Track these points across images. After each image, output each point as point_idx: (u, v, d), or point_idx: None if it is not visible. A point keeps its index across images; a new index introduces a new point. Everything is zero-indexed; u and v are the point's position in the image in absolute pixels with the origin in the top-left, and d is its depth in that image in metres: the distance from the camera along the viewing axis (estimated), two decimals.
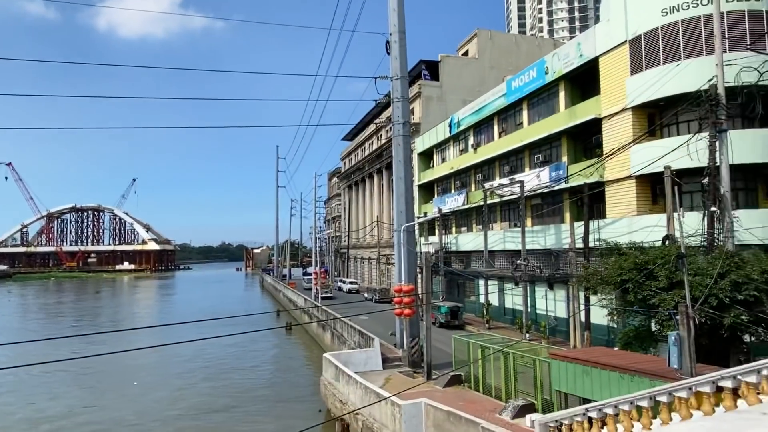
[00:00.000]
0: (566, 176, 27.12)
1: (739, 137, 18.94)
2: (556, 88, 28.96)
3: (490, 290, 33.72)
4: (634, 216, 22.49)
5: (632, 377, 11.80)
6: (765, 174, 21.47)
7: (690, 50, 20.83)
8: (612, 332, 22.30)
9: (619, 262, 17.67)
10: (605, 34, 24.48)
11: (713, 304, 14.46)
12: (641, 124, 22.89)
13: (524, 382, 16.65)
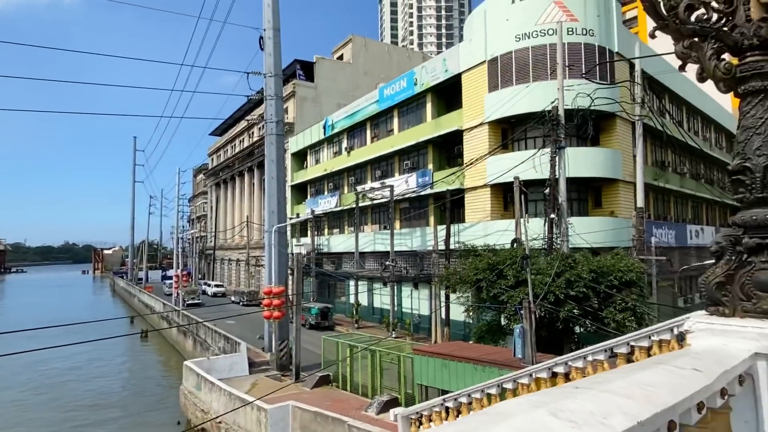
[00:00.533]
0: (431, 182, 28.82)
1: (574, 154, 21.76)
2: (424, 99, 30.65)
3: (360, 291, 34.50)
4: (488, 221, 24.64)
5: (484, 368, 12.95)
6: (594, 186, 24.91)
7: (538, 74, 23.42)
8: (468, 327, 24.15)
9: (475, 262, 19.28)
10: (467, 52, 26.53)
11: (551, 299, 16.42)
12: (496, 138, 25.18)
13: (390, 378, 17.36)
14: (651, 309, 18.12)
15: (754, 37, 2.94)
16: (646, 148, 25.80)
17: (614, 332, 14.67)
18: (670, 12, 3.14)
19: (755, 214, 2.94)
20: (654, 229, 25.27)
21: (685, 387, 1.67)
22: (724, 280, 3.01)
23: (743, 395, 2.45)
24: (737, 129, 3.15)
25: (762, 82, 2.98)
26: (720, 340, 2.52)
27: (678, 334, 4.43)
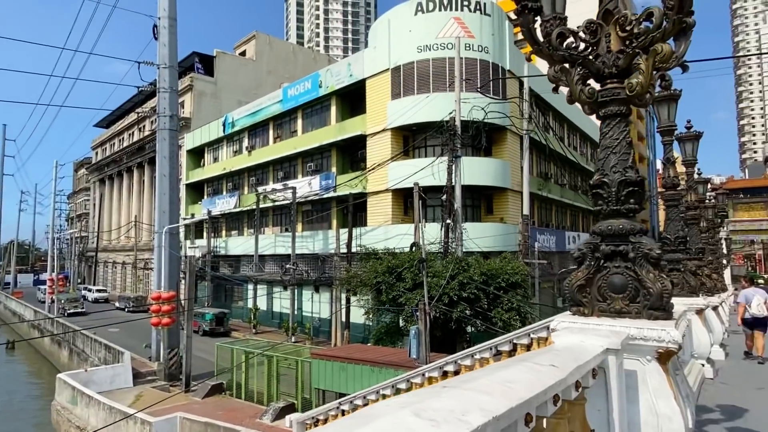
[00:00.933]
0: (335, 186, 28.85)
1: (469, 163, 22.94)
2: (329, 101, 30.63)
3: (259, 294, 33.54)
4: (389, 225, 25.17)
5: (381, 369, 13.18)
6: (487, 194, 26.44)
7: (438, 85, 24.39)
8: (368, 329, 24.46)
9: (375, 265, 19.60)
10: (372, 59, 26.96)
11: (445, 301, 17.14)
12: (398, 144, 25.83)
13: (287, 384, 17.04)
14: (533, 309, 19.56)
15: (613, 67, 3.31)
16: (532, 160, 27.88)
17: (501, 331, 15.66)
18: (545, 39, 3.44)
19: (611, 224, 3.31)
20: (538, 235, 27.35)
21: (541, 382, 1.83)
22: (584, 283, 3.35)
23: (596, 387, 2.73)
24: (598, 148, 3.52)
25: (618, 107, 3.37)
26: (579, 338, 2.79)
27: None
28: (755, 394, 6.86)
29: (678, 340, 2.89)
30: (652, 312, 3.09)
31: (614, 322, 3.10)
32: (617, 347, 2.74)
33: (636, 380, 2.99)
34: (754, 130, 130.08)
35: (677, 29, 3.08)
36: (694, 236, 8.95)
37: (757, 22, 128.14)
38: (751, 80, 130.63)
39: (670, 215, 7.06)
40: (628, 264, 3.22)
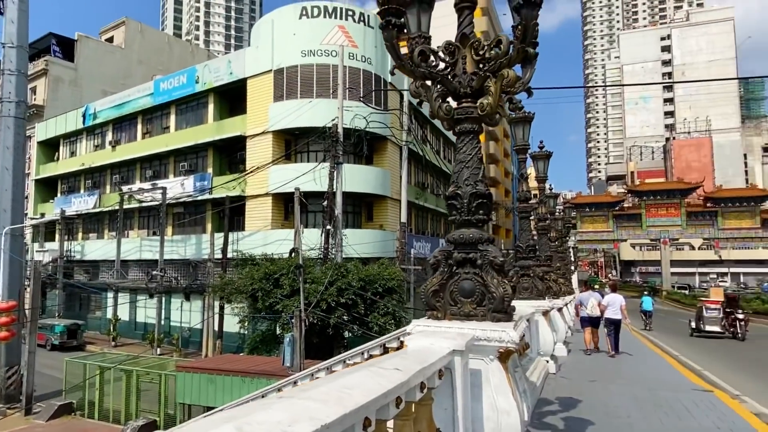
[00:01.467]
0: (211, 187, 27.46)
1: (350, 170, 23.22)
2: (206, 99, 29.16)
3: (120, 303, 30.66)
4: (269, 230, 24.55)
5: (252, 379, 12.75)
6: (367, 201, 26.97)
7: (321, 91, 24.42)
8: (243, 338, 23.57)
9: (252, 272, 18.96)
10: (254, 59, 26.21)
11: (323, 307, 17.11)
12: (280, 148, 25.35)
13: (149, 400, 15.75)
14: (408, 313, 20.29)
15: (468, 87, 3.56)
16: (411, 170, 29.03)
17: (377, 335, 15.98)
18: (408, 55, 3.60)
19: (462, 233, 3.54)
20: (414, 242, 28.51)
21: (381, 386, 1.88)
22: (438, 288, 3.54)
23: (443, 386, 2.88)
24: (454, 162, 3.76)
25: (472, 125, 3.62)
26: (429, 341, 2.93)
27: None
28: (588, 386, 7.79)
29: (516, 340, 3.17)
30: (495, 315, 3.35)
31: (463, 325, 3.31)
32: (462, 348, 2.92)
33: (480, 379, 3.21)
34: (599, 153, 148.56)
35: (521, 57, 3.39)
36: (543, 245, 9.93)
37: (603, 57, 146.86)
38: (598, 108, 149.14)
39: (522, 226, 7.78)
40: (477, 270, 3.46)
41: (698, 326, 21.16)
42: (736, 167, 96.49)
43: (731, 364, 12.82)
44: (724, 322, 20.61)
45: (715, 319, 20.87)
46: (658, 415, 6.16)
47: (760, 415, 6.65)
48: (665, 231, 56.13)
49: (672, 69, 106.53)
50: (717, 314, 20.95)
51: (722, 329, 20.56)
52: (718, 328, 20.65)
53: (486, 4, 52.66)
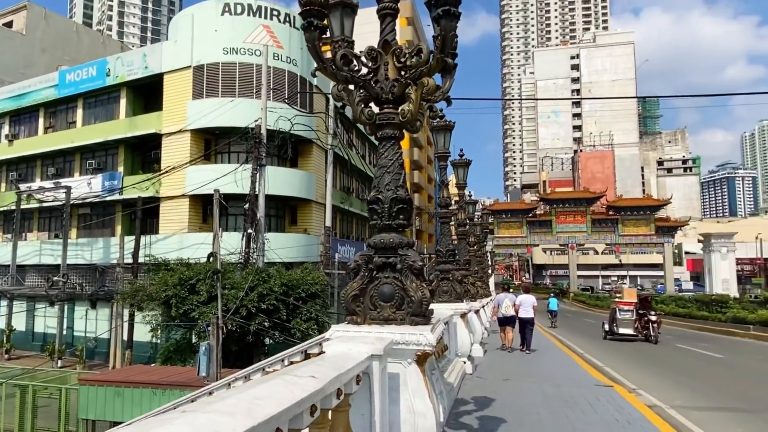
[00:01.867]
0: (121, 187, 25.79)
1: (274, 173, 22.72)
2: (118, 93, 27.39)
3: (15, 312, 27.87)
4: (185, 233, 23.43)
5: (164, 391, 12.06)
6: (291, 205, 26.52)
7: (244, 90, 23.73)
8: (155, 348, 22.28)
9: (165, 277, 17.97)
10: (172, 53, 24.99)
11: (243, 314, 16.56)
12: (198, 147, 24.32)
13: (48, 417, 14.43)
14: (331, 318, 20.16)
15: (390, 93, 3.60)
16: (336, 174, 28.96)
17: (299, 341, 15.71)
18: (331, 58, 3.58)
19: (383, 238, 3.56)
20: (339, 246, 28.41)
21: (295, 395, 1.83)
22: (359, 293, 3.53)
23: (361, 392, 2.87)
24: (375, 167, 3.78)
25: (393, 131, 3.66)
26: (348, 346, 2.91)
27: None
28: (502, 385, 8.13)
29: (433, 343, 3.22)
30: (414, 318, 3.40)
31: (382, 329, 3.33)
32: (381, 353, 2.93)
33: (398, 382, 3.24)
34: (515, 162, 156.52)
35: (441, 67, 3.48)
36: (463, 249, 10.25)
37: (519, 72, 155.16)
38: (514, 120, 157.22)
39: (443, 231, 7.99)
40: (396, 275, 3.49)
41: (612, 329, 19.71)
42: (635, 179, 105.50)
43: (629, 360, 13.91)
44: (637, 324, 19.20)
45: (629, 321, 19.33)
46: (564, 411, 6.55)
47: (653, 407, 7.26)
48: (573, 237, 60.10)
49: (580, 86, 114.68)
50: (630, 316, 19.39)
51: (635, 332, 19.16)
52: (631, 331, 19.19)
53: (411, 14, 53.83)
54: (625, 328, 19.25)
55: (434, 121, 7.54)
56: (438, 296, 8.31)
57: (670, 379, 10.59)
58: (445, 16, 3.29)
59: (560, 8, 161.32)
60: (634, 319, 19.21)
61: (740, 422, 6.96)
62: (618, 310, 19.88)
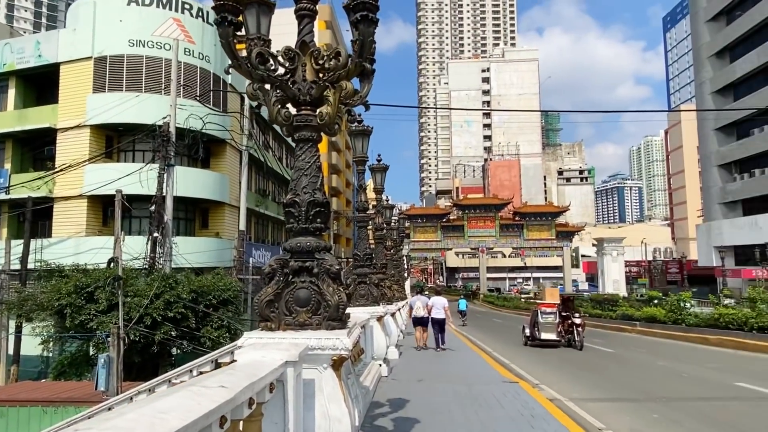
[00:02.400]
0: (8, 186, 23.31)
1: (184, 173, 21.65)
2: (6, 82, 24.76)
3: None
4: (83, 236, 21.65)
5: (56, 409, 11.02)
6: (202, 208, 25.37)
7: (151, 85, 22.40)
8: (47, 362, 20.31)
9: (59, 285, 16.46)
10: (70, 42, 23.04)
11: (148, 323, 15.55)
12: (99, 144, 22.60)
13: None
14: (244, 325, 19.52)
15: (308, 95, 3.55)
16: (251, 176, 28.17)
17: (210, 350, 15.03)
18: (246, 56, 3.47)
19: (299, 242, 3.50)
20: (253, 251, 27.60)
21: (203, 406, 1.74)
22: (273, 298, 3.44)
23: (274, 400, 2.79)
24: (291, 169, 3.71)
25: (311, 133, 3.62)
26: (261, 353, 2.82)
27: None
28: (416, 386, 8.31)
29: (349, 347, 3.22)
30: (330, 323, 3.37)
31: (297, 335, 3.26)
32: (296, 359, 2.87)
33: (313, 388, 3.19)
34: (430, 168, 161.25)
35: (359, 71, 3.50)
36: (380, 253, 10.36)
37: (435, 82, 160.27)
38: (430, 128, 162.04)
39: (360, 235, 8.02)
40: (313, 279, 3.45)
41: (533, 334, 17.39)
42: (538, 187, 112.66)
43: (533, 357, 14.76)
44: (560, 328, 17.19)
45: (551, 325, 17.18)
46: (474, 408, 6.81)
47: (553, 400, 7.75)
48: (483, 241, 62.97)
49: (490, 98, 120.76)
50: (553, 319, 17.23)
51: (558, 336, 17.07)
52: (554, 336, 17.02)
53: (330, 18, 53.79)
54: (548, 333, 17.15)
55: (353, 126, 7.57)
56: (355, 300, 8.33)
57: (570, 373, 11.37)
58: (363, 21, 3.31)
59: (473, 23, 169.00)
60: (557, 322, 17.23)
61: (629, 411, 7.62)
62: (539, 313, 17.58)
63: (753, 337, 15.04)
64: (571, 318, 16.88)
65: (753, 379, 9.88)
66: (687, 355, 14.57)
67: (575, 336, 16.53)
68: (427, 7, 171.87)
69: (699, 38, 50.25)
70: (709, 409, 7.69)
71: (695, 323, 18.42)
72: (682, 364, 12.72)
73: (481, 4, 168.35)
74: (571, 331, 16.81)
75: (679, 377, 10.74)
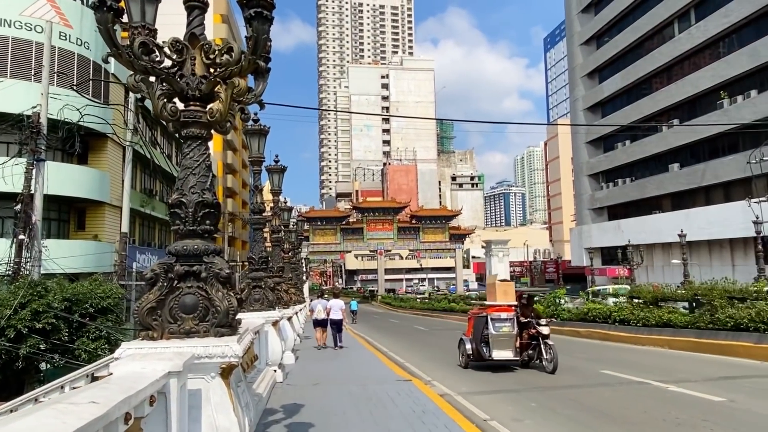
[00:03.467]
0: None
1: (57, 169, 19.57)
2: None
3: None
4: None
5: None
6: (79, 207, 23.09)
7: (19, 71, 20.05)
8: None
9: None
10: None
11: (11, 335, 13.82)
12: None
13: None
14: (126, 335, 18.07)
15: (197, 90, 3.39)
16: (136, 174, 26.20)
17: (86, 364, 13.71)
18: (129, 45, 3.22)
19: (186, 245, 3.32)
20: (138, 255, 25.68)
21: (67, 425, 1.59)
22: (156, 305, 3.23)
23: (156, 414, 2.62)
24: (179, 167, 3.51)
25: (200, 130, 3.45)
26: (140, 365, 2.63)
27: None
28: (312, 390, 8.23)
29: (239, 354, 3.11)
30: (219, 329, 3.23)
31: (182, 343, 3.09)
32: (180, 369, 2.72)
33: (200, 399, 3.04)
34: (330, 171, 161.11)
35: (253, 68, 3.40)
36: (276, 256, 10.14)
37: (335, 85, 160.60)
38: (330, 131, 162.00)
39: (256, 237, 7.79)
40: (201, 284, 3.29)
41: (478, 350, 11.50)
42: (433, 191, 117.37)
43: (426, 353, 15.30)
44: (518, 341, 11.66)
45: (508, 338, 11.52)
46: (369, 408, 6.91)
47: (444, 396, 8.10)
48: (381, 243, 64.24)
49: (389, 104, 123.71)
50: (510, 329, 11.50)
51: (515, 354, 11.52)
52: (510, 354, 11.49)
53: (226, 12, 51.75)
54: (503, 350, 11.42)
55: (249, 125, 7.34)
56: (249, 305, 8.06)
57: (459, 368, 11.93)
58: (258, 18, 3.23)
59: (373, 29, 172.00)
60: (515, 333, 11.53)
61: (511, 401, 8.18)
62: (490, 320, 11.47)
63: (615, 329, 16.87)
64: (535, 326, 11.47)
65: (615, 367, 11.08)
66: (561, 347, 15.93)
67: (543, 352, 11.12)
68: (328, 10, 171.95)
69: (573, 59, 55.58)
70: (580, 395, 8.49)
71: (568, 317, 20.23)
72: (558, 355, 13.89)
73: (381, 12, 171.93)
74: (534, 345, 11.42)
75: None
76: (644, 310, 16.11)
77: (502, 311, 11.49)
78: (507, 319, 11.39)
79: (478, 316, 11.97)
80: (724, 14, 36.35)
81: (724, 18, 36.40)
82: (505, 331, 11.35)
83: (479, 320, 11.71)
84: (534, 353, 11.44)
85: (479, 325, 11.61)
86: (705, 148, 38.90)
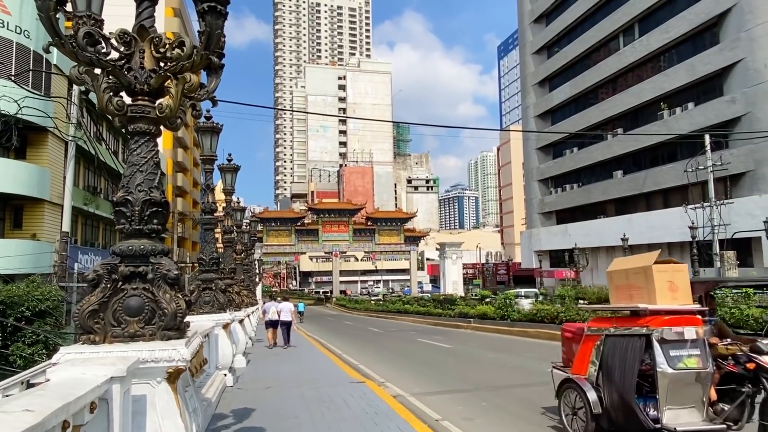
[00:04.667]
0: None
1: None
2: None
3: None
4: None
5: None
6: (15, 205, 21.79)
7: None
8: None
9: None
10: None
11: None
12: None
13: None
14: (66, 339, 17.19)
15: (145, 84, 3.27)
16: (79, 170, 25.01)
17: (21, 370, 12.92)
18: (73, 35, 3.07)
19: (132, 245, 3.19)
20: (80, 255, 24.47)
21: None
22: (98, 307, 3.09)
23: (96, 421, 2.50)
24: (125, 164, 3.37)
25: (148, 126, 3.33)
26: (80, 370, 2.50)
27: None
28: (263, 394, 8.08)
29: (187, 358, 3.01)
30: (166, 333, 3.13)
31: (126, 347, 2.97)
32: (123, 374, 2.61)
33: (144, 405, 2.93)
34: (285, 171, 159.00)
35: (205, 64, 3.31)
36: (228, 257, 9.91)
37: (291, 85, 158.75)
38: (285, 131, 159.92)
39: (207, 238, 7.58)
40: (147, 285, 3.17)
41: (628, 410, 5.00)
42: (389, 194, 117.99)
43: (379, 355, 15.33)
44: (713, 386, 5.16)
45: (697, 380, 5.01)
46: (321, 410, 6.85)
47: (397, 397, 8.14)
48: (336, 245, 63.92)
49: (346, 105, 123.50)
50: (701, 362, 5.02)
51: (712, 417, 5.03)
52: (702, 417, 5.04)
53: (179, 6, 50.21)
54: (687, 408, 5.07)
55: (201, 122, 7.13)
56: (199, 307, 7.84)
57: (413, 370, 12.03)
58: (211, 12, 3.15)
59: (330, 30, 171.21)
60: (710, 371, 5.06)
61: (462, 401, 8.31)
62: (657, 343, 4.99)
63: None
64: (747, 354, 5.16)
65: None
66: (511, 347, 16.38)
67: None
68: (285, 9, 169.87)
69: (526, 68, 57.28)
70: (528, 393, 8.73)
71: (518, 318, 20.78)
72: (508, 355, 14.24)
73: (339, 12, 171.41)
74: (738, 392, 5.12)
75: (504, 367, 12.02)
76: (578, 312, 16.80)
77: (680, 323, 5.20)
78: (693, 342, 5.17)
79: (613, 335, 5.49)
80: (665, 30, 38.40)
81: (665, 33, 38.45)
82: (692, 365, 5.11)
83: (619, 343, 5.39)
84: (742, 410, 5.10)
85: (621, 353, 5.30)
86: (646, 157, 40.92)
